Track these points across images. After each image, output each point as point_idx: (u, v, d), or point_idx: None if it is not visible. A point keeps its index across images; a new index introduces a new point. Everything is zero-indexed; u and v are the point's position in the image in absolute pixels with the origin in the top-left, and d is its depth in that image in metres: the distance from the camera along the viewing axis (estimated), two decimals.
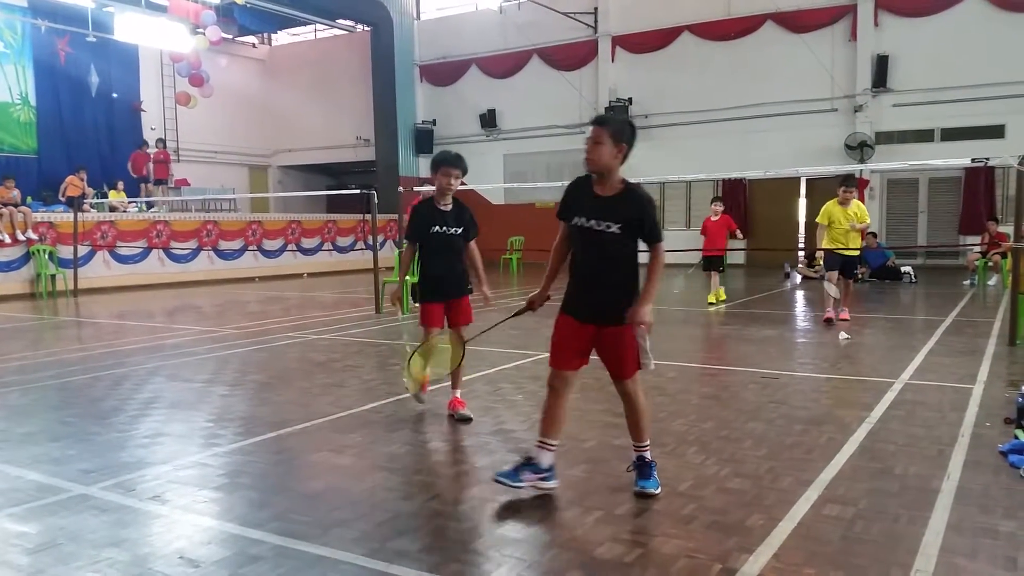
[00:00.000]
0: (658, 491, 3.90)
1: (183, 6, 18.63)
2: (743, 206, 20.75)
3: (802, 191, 21.06)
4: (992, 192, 18.67)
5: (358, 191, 14.29)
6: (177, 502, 3.92)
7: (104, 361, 8.07)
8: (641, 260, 3.84)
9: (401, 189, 14.14)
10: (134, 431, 5.29)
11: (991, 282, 14.89)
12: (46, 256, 15.61)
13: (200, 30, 19.25)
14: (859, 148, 19.25)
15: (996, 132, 18.05)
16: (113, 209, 18.06)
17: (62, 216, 16.40)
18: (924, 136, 19.10)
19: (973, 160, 9.31)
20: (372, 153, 25.72)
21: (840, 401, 5.96)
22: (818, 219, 10.12)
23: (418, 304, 5.48)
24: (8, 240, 15.33)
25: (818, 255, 9.96)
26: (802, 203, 21.12)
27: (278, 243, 20.87)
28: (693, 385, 6.57)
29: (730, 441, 4.82)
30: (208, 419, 5.60)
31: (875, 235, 17.61)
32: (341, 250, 22.65)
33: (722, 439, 4.87)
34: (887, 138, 19.50)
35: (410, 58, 25.82)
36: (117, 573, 3.14)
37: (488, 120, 24.77)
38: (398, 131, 25.14)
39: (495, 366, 7.14)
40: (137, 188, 20.25)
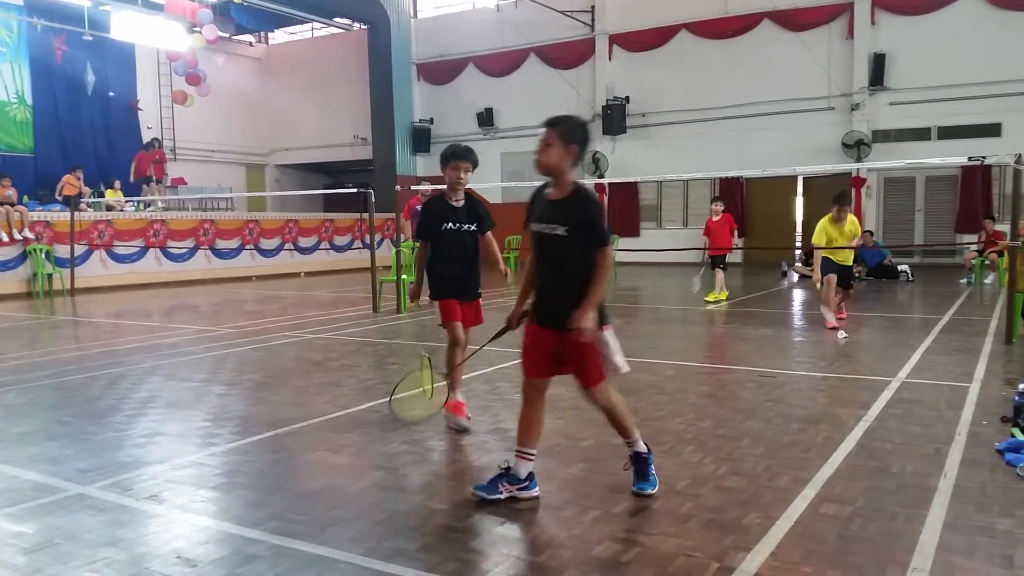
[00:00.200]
0: (654, 491, 3.88)
1: (180, 5, 18.58)
2: (740, 205, 20.76)
3: (799, 190, 21.11)
4: (989, 190, 18.69)
5: (355, 190, 14.30)
6: (174, 502, 3.92)
7: (101, 360, 8.06)
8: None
9: (398, 188, 14.11)
10: (131, 430, 5.28)
11: (988, 280, 14.91)
12: (43, 255, 15.59)
13: (197, 29, 19.20)
14: (856, 147, 19.27)
15: (993, 131, 18.06)
16: (110, 208, 18.03)
17: (59, 215, 16.37)
18: (921, 135, 19.11)
19: (970, 159, 9.31)
20: (369, 152, 25.70)
21: (837, 400, 5.97)
22: (814, 240, 9.73)
23: (417, 303, 5.46)
24: (5, 239, 15.31)
25: (814, 275, 9.82)
26: (799, 202, 21.15)
27: (275, 242, 20.85)
28: (690, 384, 6.58)
29: (727, 440, 4.83)
30: (205, 418, 5.60)
31: (872, 233, 17.63)
32: (338, 249, 22.64)
33: (719, 438, 4.88)
34: (884, 136, 19.51)
35: (407, 56, 25.79)
36: (114, 573, 3.13)
37: (485, 119, 24.75)
38: (395, 130, 25.13)
39: (493, 365, 7.14)
40: (138, 188, 20.20)
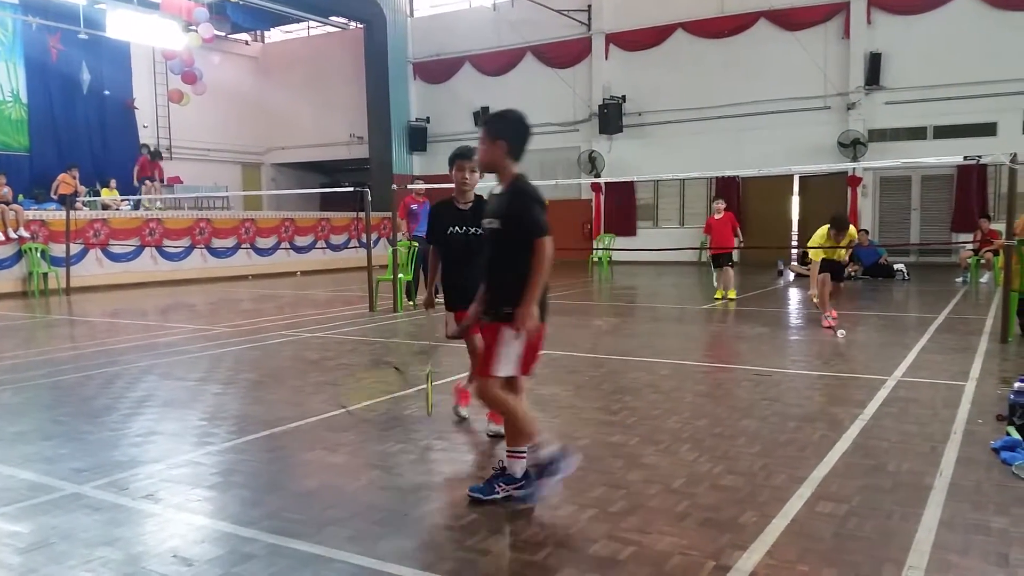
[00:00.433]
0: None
1: (175, 3, 18.53)
2: (736, 204, 20.73)
3: (795, 189, 21.12)
4: (984, 190, 18.72)
5: (351, 189, 14.27)
6: (170, 501, 3.91)
7: (96, 359, 8.04)
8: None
9: (395, 187, 14.10)
10: (127, 430, 5.27)
11: (983, 279, 14.94)
12: (38, 254, 15.55)
13: (193, 27, 19.15)
14: (852, 146, 19.29)
15: (988, 130, 18.11)
16: (106, 207, 17.99)
17: (54, 214, 16.33)
18: (917, 134, 19.14)
19: (965, 158, 9.35)
20: (366, 151, 25.67)
21: (833, 398, 5.97)
22: (813, 256, 9.73)
23: (413, 304, 5.45)
24: (0, 238, 15.27)
25: (811, 292, 9.86)
26: (795, 201, 21.17)
27: (271, 241, 20.82)
28: (687, 383, 6.58)
29: (724, 438, 4.83)
30: (201, 418, 5.59)
31: (867, 232, 17.66)
32: (335, 248, 22.62)
33: (716, 436, 4.88)
34: (880, 136, 19.54)
35: (403, 55, 25.77)
36: (110, 572, 3.13)
37: (482, 118, 24.72)
38: (392, 129, 25.10)
39: None
40: (134, 187, 20.15)
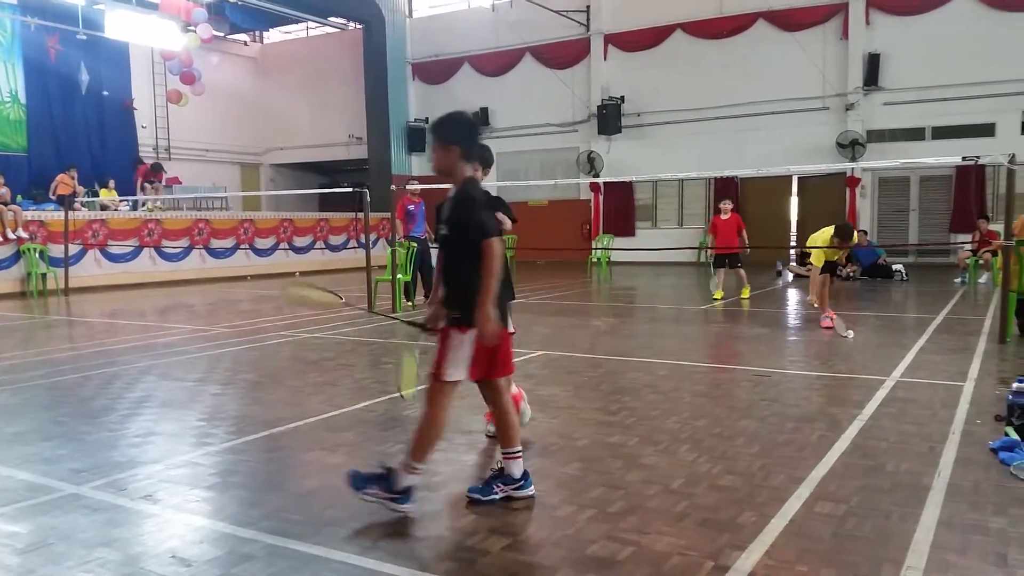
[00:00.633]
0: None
1: (174, 4, 18.53)
2: (735, 204, 20.73)
3: (794, 189, 21.14)
4: (983, 190, 18.74)
5: (350, 189, 14.25)
6: (169, 501, 3.91)
7: (95, 360, 8.03)
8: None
9: (394, 187, 14.09)
10: (125, 430, 5.27)
11: (981, 280, 14.94)
12: (37, 255, 15.53)
13: (191, 28, 19.15)
14: (850, 146, 19.31)
15: (986, 131, 18.14)
16: (104, 208, 17.98)
17: (53, 215, 16.31)
18: (915, 134, 19.17)
19: (964, 158, 9.35)
20: (364, 151, 25.66)
21: (832, 399, 5.98)
22: (814, 261, 9.73)
23: (412, 305, 5.35)
24: None
25: (811, 297, 9.89)
26: (794, 201, 21.19)
27: (270, 241, 20.81)
28: (685, 383, 6.58)
29: (722, 439, 4.83)
30: (200, 418, 5.59)
31: (866, 233, 17.67)
32: (333, 248, 22.59)
33: (714, 437, 4.88)
34: (878, 136, 19.56)
35: (402, 56, 25.77)
36: (108, 573, 3.13)
37: (481, 118, 24.69)
38: (390, 129, 25.11)
39: None
40: (133, 188, 20.15)
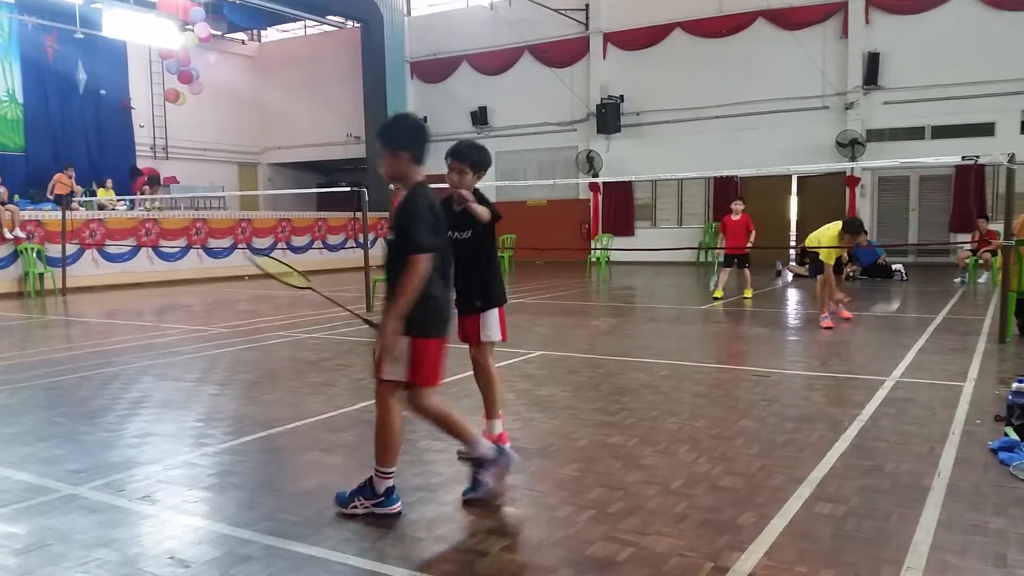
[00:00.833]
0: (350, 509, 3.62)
1: (172, 2, 18.54)
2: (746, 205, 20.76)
3: (793, 189, 21.14)
4: (982, 190, 18.75)
5: (348, 189, 14.24)
6: (167, 502, 3.90)
7: (93, 360, 8.02)
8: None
9: (392, 187, 14.07)
10: (123, 431, 5.25)
11: (981, 280, 14.95)
12: (34, 254, 15.50)
13: (189, 26, 19.15)
14: (850, 146, 19.31)
15: (986, 130, 18.15)
16: (102, 207, 17.96)
17: (50, 214, 16.29)
18: (915, 134, 19.18)
19: (964, 158, 9.33)
20: (363, 150, 25.63)
21: (831, 399, 5.97)
22: (824, 259, 9.71)
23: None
24: None
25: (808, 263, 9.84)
26: (793, 201, 21.19)
27: (268, 241, 20.77)
28: (685, 383, 6.57)
29: (722, 439, 4.82)
30: (198, 418, 5.57)
31: (866, 232, 17.65)
32: (331, 248, 22.58)
33: (714, 437, 4.87)
34: (878, 136, 19.57)
35: (401, 55, 25.75)
36: (107, 574, 3.12)
37: (479, 117, 24.73)
38: None
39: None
40: (131, 188, 20.15)
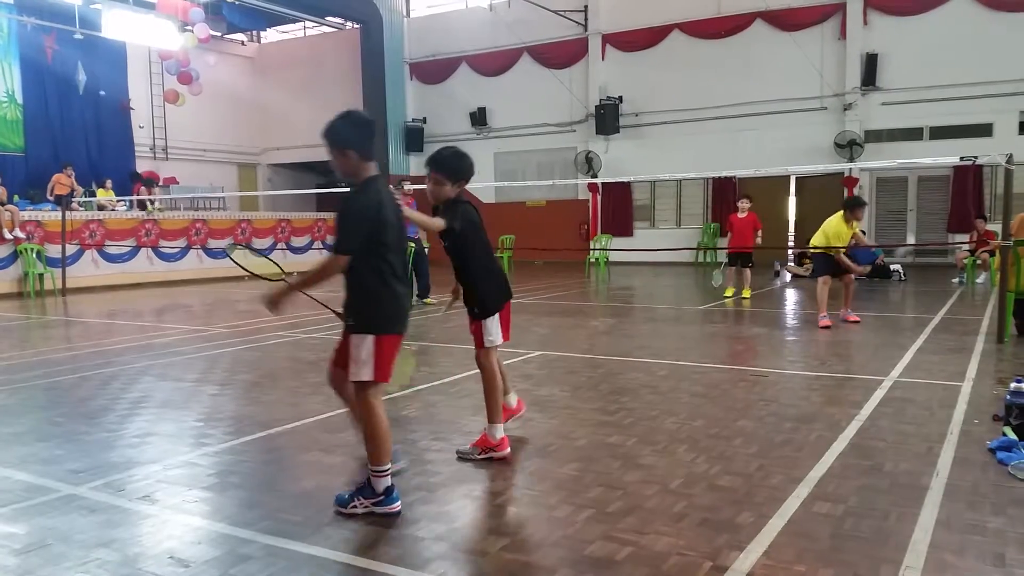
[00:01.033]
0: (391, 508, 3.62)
1: (171, 3, 18.52)
2: (733, 204, 20.76)
3: (791, 189, 21.15)
4: (980, 190, 18.77)
5: (348, 189, 14.24)
6: (167, 502, 3.91)
7: (93, 360, 8.02)
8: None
9: (391, 187, 14.09)
10: (123, 431, 5.26)
11: (979, 280, 14.97)
12: (34, 255, 15.51)
13: (188, 27, 19.14)
14: (848, 146, 19.33)
15: (984, 131, 18.16)
16: (101, 208, 17.95)
17: (50, 215, 16.29)
18: (913, 135, 19.19)
19: (962, 159, 9.33)
20: None
21: (830, 399, 5.98)
22: (831, 241, 9.69)
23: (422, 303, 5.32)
24: None
25: (807, 258, 9.82)
26: (791, 201, 21.20)
27: (267, 242, 20.77)
28: (683, 383, 6.58)
29: (720, 439, 4.84)
30: (198, 418, 5.58)
31: (864, 233, 17.68)
32: (331, 248, 22.56)
33: (712, 437, 4.88)
34: (876, 136, 19.59)
35: (400, 56, 25.77)
36: (107, 573, 3.12)
37: (478, 118, 24.74)
38: (388, 129, 25.06)
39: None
40: (130, 188, 20.13)
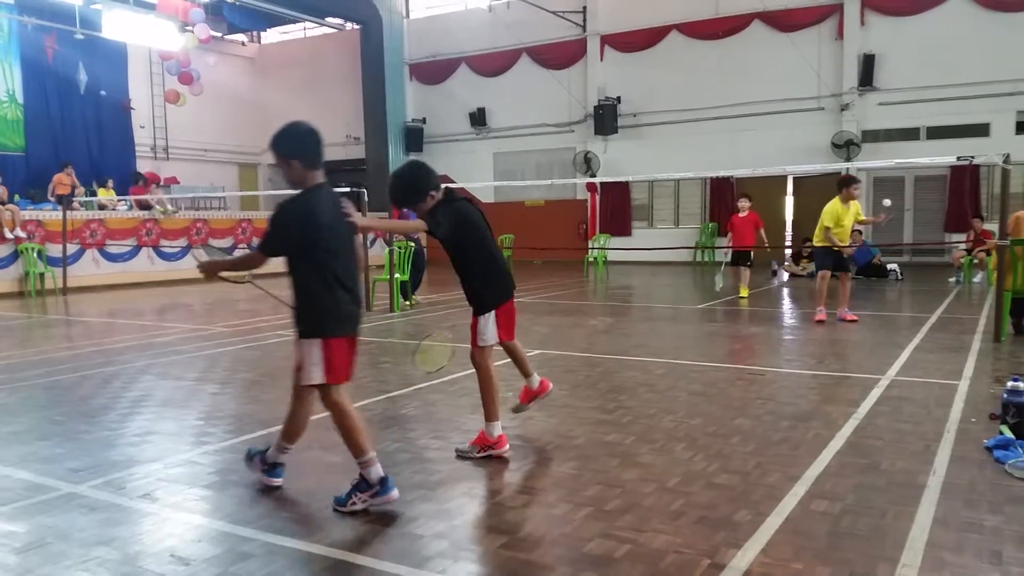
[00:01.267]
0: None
1: (172, 4, 18.52)
2: (731, 204, 20.81)
3: (789, 189, 21.16)
4: (977, 190, 18.79)
5: (348, 189, 14.22)
6: (167, 500, 3.93)
7: (93, 359, 8.04)
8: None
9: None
10: (124, 429, 5.27)
11: (976, 279, 15.00)
12: (34, 254, 15.51)
13: (189, 28, 19.15)
14: (845, 147, 19.35)
15: (981, 131, 18.18)
16: (102, 207, 17.96)
17: (51, 214, 16.29)
18: (910, 135, 19.22)
19: (958, 158, 9.34)
20: (362, 151, 25.66)
21: (827, 397, 6.00)
22: (826, 223, 9.78)
23: (410, 304, 5.38)
24: None
25: (805, 255, 9.84)
26: (789, 201, 21.22)
27: None
28: (681, 382, 6.60)
29: (718, 437, 4.86)
30: (198, 417, 5.60)
31: (861, 232, 17.70)
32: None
33: (710, 435, 4.90)
34: (873, 136, 19.61)
35: (400, 56, 25.77)
36: (107, 572, 3.14)
37: (478, 119, 24.75)
38: (388, 129, 25.09)
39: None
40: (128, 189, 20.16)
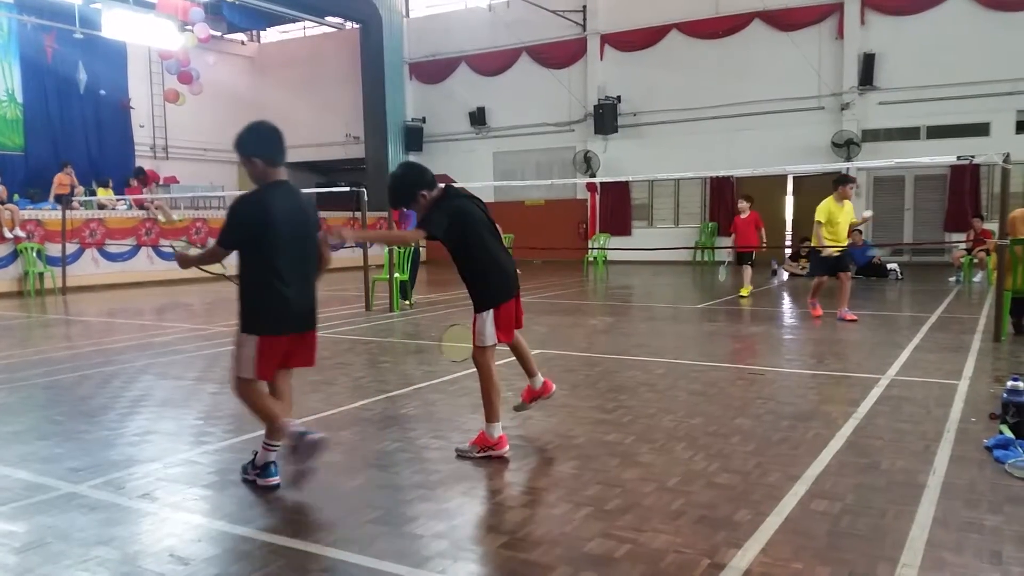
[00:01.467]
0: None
1: (171, 3, 18.52)
2: (730, 204, 20.82)
3: (789, 189, 21.17)
4: (977, 190, 18.79)
5: (347, 189, 14.25)
6: (167, 500, 3.92)
7: (93, 359, 8.03)
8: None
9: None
10: (123, 429, 5.27)
11: (976, 279, 15.00)
12: (34, 254, 15.51)
13: (188, 27, 19.14)
14: (846, 146, 19.35)
15: (981, 130, 18.19)
16: (102, 207, 17.95)
17: (50, 214, 16.29)
18: (910, 134, 19.22)
19: (959, 158, 9.34)
20: (362, 151, 25.67)
21: (827, 397, 6.00)
22: (818, 217, 9.92)
23: (409, 304, 5.41)
24: None
25: (803, 255, 9.85)
26: (789, 201, 21.23)
27: None
28: (681, 381, 6.60)
29: (718, 437, 4.85)
30: (198, 417, 5.60)
31: (860, 232, 17.71)
32: (331, 248, 22.48)
33: (710, 435, 4.90)
34: (873, 136, 19.61)
35: (399, 56, 25.77)
36: (106, 571, 3.14)
37: (477, 118, 24.75)
38: (387, 129, 25.10)
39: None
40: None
